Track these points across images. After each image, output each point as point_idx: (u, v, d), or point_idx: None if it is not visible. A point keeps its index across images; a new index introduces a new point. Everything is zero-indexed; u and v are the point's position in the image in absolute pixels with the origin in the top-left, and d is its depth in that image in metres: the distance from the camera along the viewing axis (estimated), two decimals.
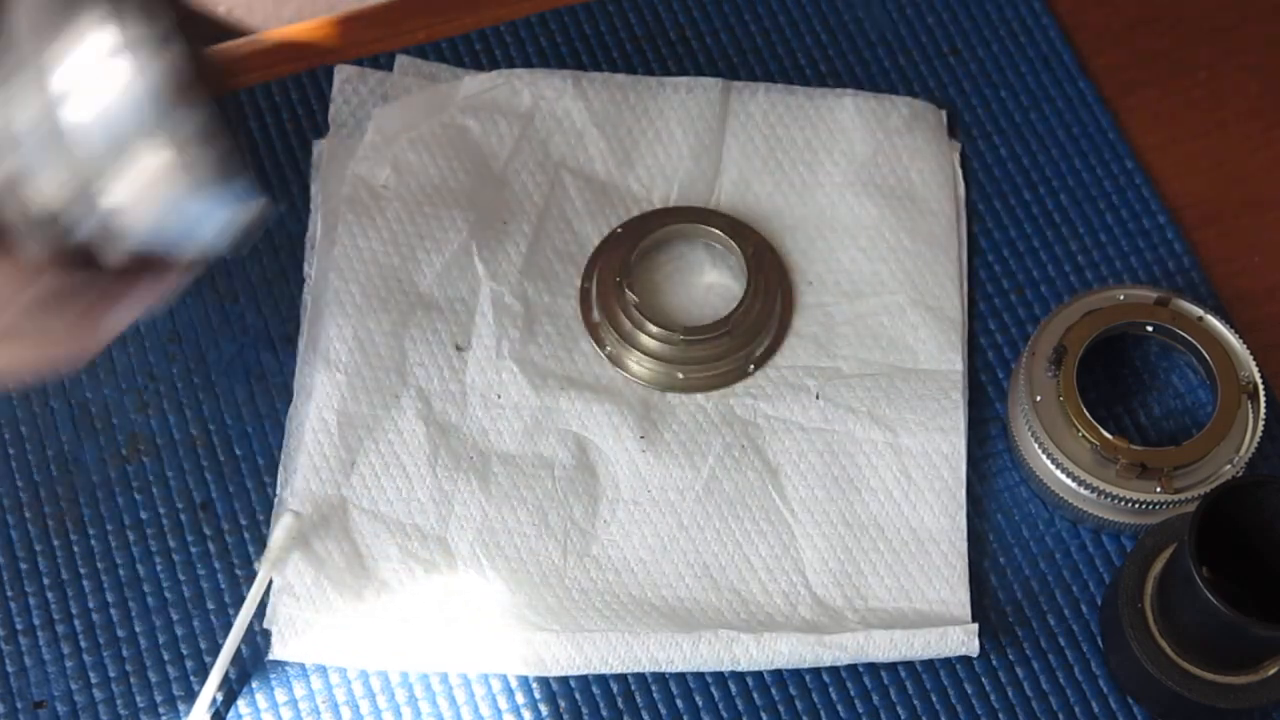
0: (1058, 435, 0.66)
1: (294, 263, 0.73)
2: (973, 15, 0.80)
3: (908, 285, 0.72)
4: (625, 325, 0.70)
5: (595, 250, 0.73)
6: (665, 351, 0.70)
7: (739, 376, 0.71)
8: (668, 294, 0.73)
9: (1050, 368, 0.67)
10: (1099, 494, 0.65)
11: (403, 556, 0.66)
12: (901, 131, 0.75)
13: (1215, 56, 0.79)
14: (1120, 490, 0.65)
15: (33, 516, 0.68)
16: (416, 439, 0.68)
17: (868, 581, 0.67)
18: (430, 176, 0.73)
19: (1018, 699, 0.66)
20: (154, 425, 0.70)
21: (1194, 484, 0.65)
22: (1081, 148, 0.77)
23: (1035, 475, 0.67)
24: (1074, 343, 0.67)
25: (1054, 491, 0.67)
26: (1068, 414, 0.66)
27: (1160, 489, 0.65)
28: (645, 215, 0.73)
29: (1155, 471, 0.65)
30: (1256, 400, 0.66)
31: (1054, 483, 0.67)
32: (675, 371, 0.70)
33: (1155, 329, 0.68)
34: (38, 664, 0.65)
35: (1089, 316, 0.68)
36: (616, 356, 0.70)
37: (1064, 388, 0.66)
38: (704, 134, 0.75)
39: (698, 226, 0.72)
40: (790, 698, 0.65)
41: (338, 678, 0.65)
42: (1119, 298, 0.69)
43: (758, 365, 0.71)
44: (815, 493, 0.68)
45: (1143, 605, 0.63)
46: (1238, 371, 0.67)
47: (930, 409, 0.69)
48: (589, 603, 0.66)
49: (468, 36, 0.78)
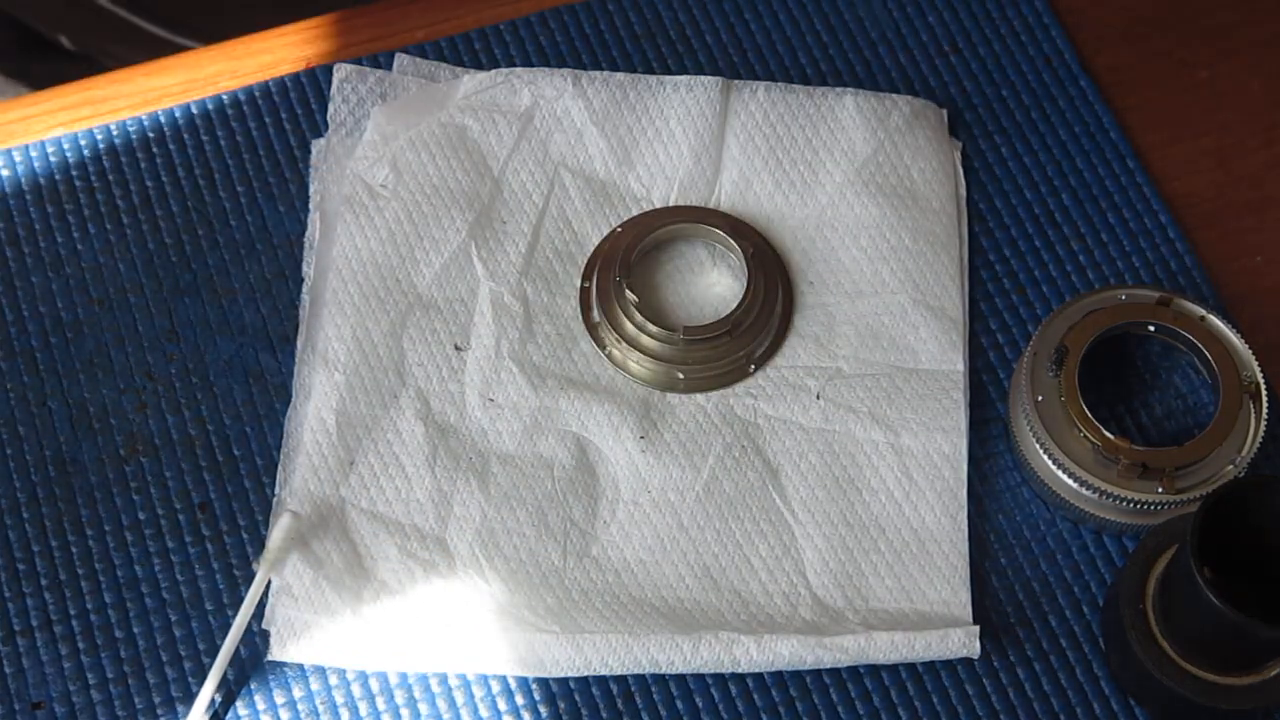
0: (1059, 435, 0.66)
1: (293, 262, 0.73)
2: (973, 14, 0.79)
3: (909, 285, 0.72)
4: (625, 325, 0.70)
5: (595, 250, 0.72)
6: (665, 351, 0.70)
7: (739, 376, 0.70)
8: (668, 294, 0.72)
9: (1052, 368, 0.66)
10: (1100, 494, 0.65)
11: (402, 557, 0.66)
12: (902, 130, 0.75)
13: (1217, 55, 0.79)
14: (1122, 491, 0.65)
15: (31, 517, 0.68)
16: (415, 439, 0.68)
17: (868, 582, 0.67)
18: (429, 176, 0.73)
19: (1019, 700, 0.66)
20: (152, 425, 0.69)
21: (1196, 484, 0.65)
22: (1083, 147, 0.77)
23: (1036, 476, 0.67)
24: (1076, 343, 0.67)
25: (1055, 492, 0.67)
26: (1069, 414, 0.66)
27: (1162, 489, 0.65)
28: (645, 215, 0.73)
29: (1157, 472, 0.65)
30: (1259, 400, 0.66)
31: (1055, 483, 0.67)
32: (675, 371, 0.70)
33: (1157, 329, 0.68)
34: (36, 665, 0.65)
35: (1090, 316, 0.68)
36: (616, 357, 0.70)
37: (1065, 388, 0.66)
38: (704, 133, 0.74)
39: (698, 226, 0.72)
40: (790, 699, 0.65)
41: (336, 679, 0.65)
42: (1120, 297, 0.68)
43: (758, 365, 0.71)
44: (816, 493, 0.68)
45: (1144, 606, 0.63)
46: (1240, 372, 0.67)
47: (931, 409, 0.69)
48: (589, 603, 0.66)
49: (467, 35, 0.78)
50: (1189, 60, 0.79)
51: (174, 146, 0.75)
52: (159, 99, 0.76)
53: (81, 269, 0.72)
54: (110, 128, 0.75)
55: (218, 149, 0.75)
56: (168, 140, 0.75)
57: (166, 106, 0.76)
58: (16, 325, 0.71)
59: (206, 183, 0.74)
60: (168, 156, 0.75)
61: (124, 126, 0.75)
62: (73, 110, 0.76)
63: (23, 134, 0.75)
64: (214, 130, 0.76)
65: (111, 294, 0.72)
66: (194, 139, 0.75)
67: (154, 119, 0.76)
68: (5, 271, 0.72)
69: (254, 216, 0.74)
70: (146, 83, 0.77)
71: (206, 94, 0.76)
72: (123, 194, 0.74)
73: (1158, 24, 0.80)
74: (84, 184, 0.74)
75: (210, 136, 0.75)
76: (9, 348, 0.71)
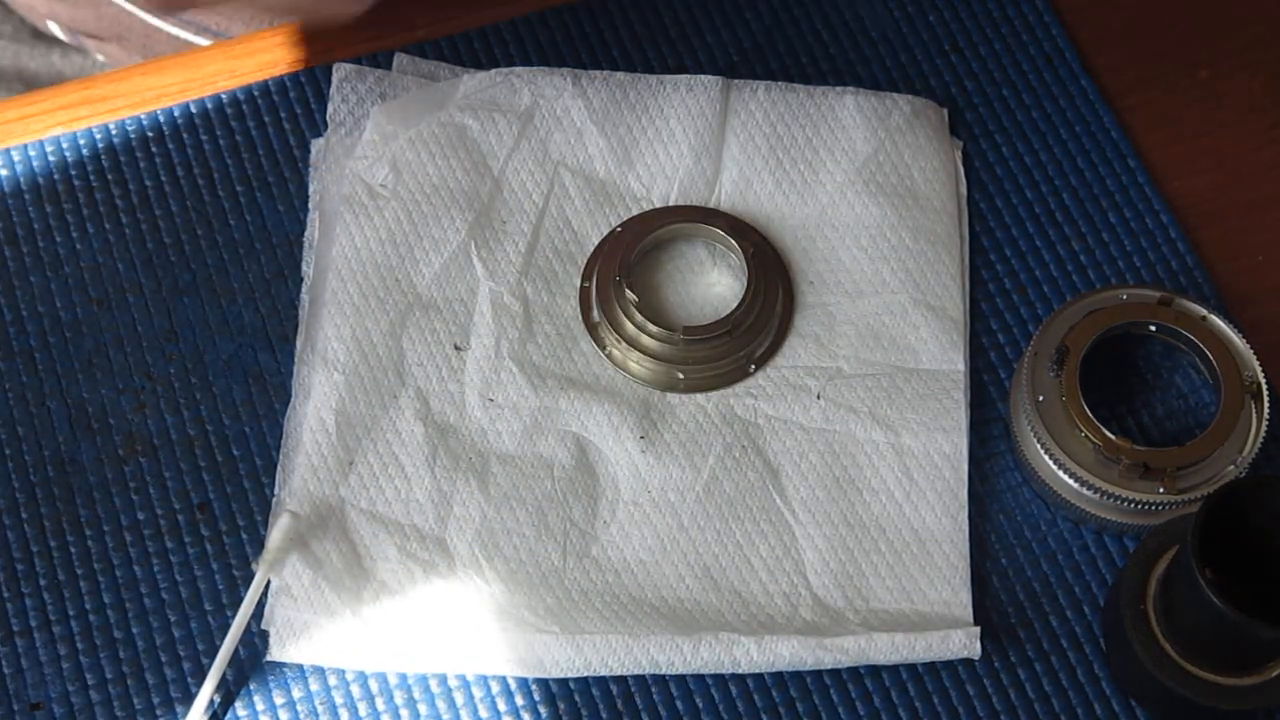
0: (1060, 436, 0.66)
1: (292, 262, 0.73)
2: (974, 13, 0.79)
3: (909, 284, 0.72)
4: (625, 325, 0.70)
5: (595, 250, 0.72)
6: (665, 352, 0.70)
7: (739, 376, 0.70)
8: (668, 294, 0.72)
9: (1052, 368, 0.66)
10: (1101, 495, 0.65)
11: (401, 557, 0.66)
12: (903, 129, 0.75)
13: (1217, 54, 0.79)
14: (1123, 491, 0.65)
15: (30, 517, 0.68)
16: (415, 439, 0.68)
17: (869, 582, 0.67)
18: (429, 175, 0.73)
19: (1019, 701, 0.65)
20: (151, 425, 0.69)
21: (1197, 484, 0.65)
22: (1083, 146, 0.76)
23: (1037, 476, 0.67)
24: (1076, 343, 0.67)
25: (1056, 492, 0.67)
26: (1070, 414, 0.66)
27: (1163, 490, 0.64)
28: (645, 215, 0.73)
29: (1158, 472, 0.65)
30: (1260, 401, 0.66)
31: (1056, 483, 0.66)
32: (675, 372, 0.70)
33: (1158, 329, 0.68)
34: (35, 666, 0.65)
35: (1091, 316, 0.68)
36: (616, 357, 0.70)
37: (1066, 388, 0.66)
38: (704, 132, 0.74)
39: (698, 226, 0.72)
40: (791, 700, 0.65)
41: (336, 680, 0.65)
42: (1121, 297, 0.68)
43: (758, 365, 0.70)
44: (816, 493, 0.68)
45: (1145, 607, 0.62)
46: (1241, 372, 0.66)
47: (932, 409, 0.69)
48: (589, 604, 0.65)
49: (467, 34, 0.78)
50: (1190, 60, 0.79)
51: (173, 146, 0.75)
52: (158, 98, 0.76)
53: (81, 269, 0.72)
54: (109, 127, 0.75)
55: (217, 148, 0.75)
56: (167, 140, 0.75)
57: (165, 106, 0.76)
58: (16, 325, 0.71)
59: (206, 182, 0.74)
60: (166, 156, 0.75)
61: (123, 126, 0.75)
62: (71, 110, 0.76)
63: (21, 133, 0.75)
64: (213, 130, 0.75)
65: (111, 294, 0.72)
66: (193, 138, 0.75)
67: (153, 118, 0.76)
68: (4, 271, 0.72)
69: (253, 216, 0.74)
70: (145, 82, 0.77)
71: (205, 93, 0.76)
72: (122, 194, 0.74)
73: (1158, 23, 0.80)
74: (83, 183, 0.74)
75: (209, 136, 0.75)
76: (8, 348, 0.71)
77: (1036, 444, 0.66)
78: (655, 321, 0.70)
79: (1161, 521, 0.65)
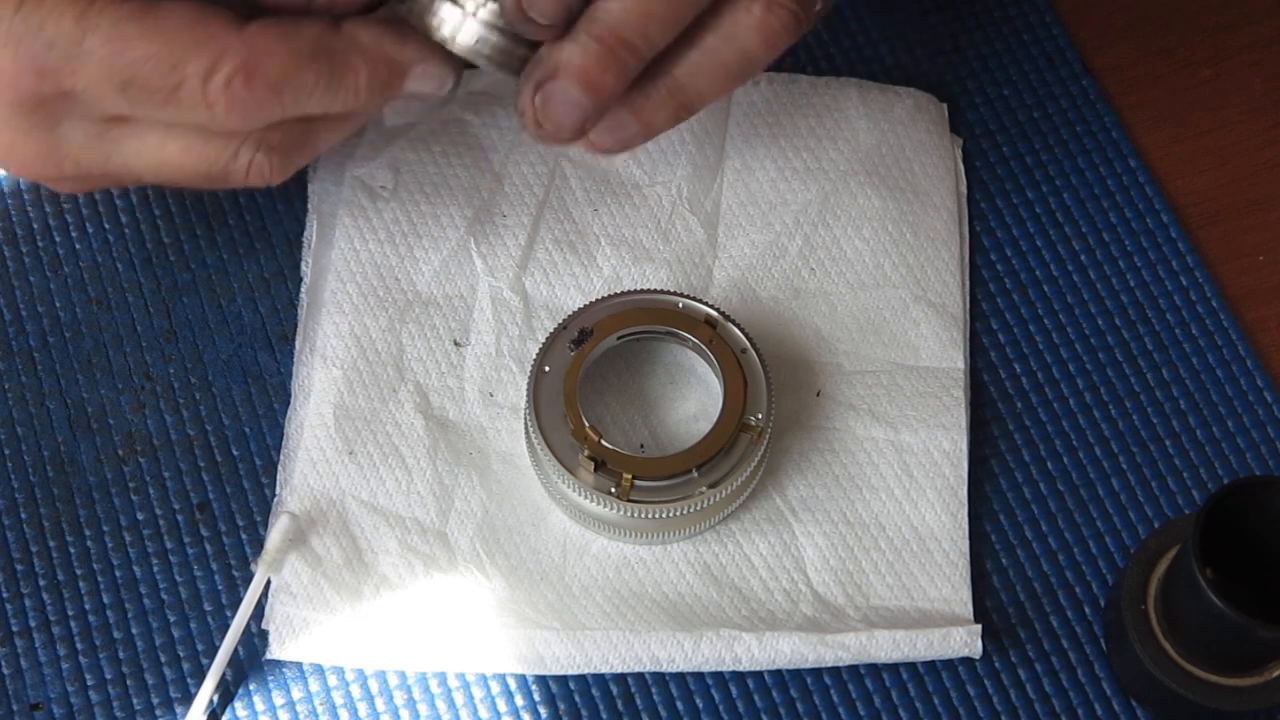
0: (547, 408, 0.64)
1: (291, 262, 0.73)
2: (975, 12, 0.79)
3: (910, 280, 0.72)
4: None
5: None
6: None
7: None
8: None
9: (572, 345, 0.65)
10: (561, 478, 0.64)
11: (402, 551, 0.66)
12: (905, 123, 0.75)
13: (1219, 54, 0.79)
14: (574, 480, 0.63)
15: (28, 517, 0.67)
16: (415, 432, 0.68)
17: (869, 579, 0.66)
18: (428, 172, 0.73)
19: (1020, 701, 0.65)
20: (150, 425, 0.69)
21: (655, 501, 0.64)
22: (1084, 146, 0.76)
23: (530, 442, 0.65)
24: (605, 329, 0.66)
25: (541, 467, 0.65)
26: (563, 390, 0.65)
27: (614, 491, 0.63)
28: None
29: (615, 474, 0.63)
30: (759, 443, 0.64)
31: (535, 455, 0.65)
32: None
33: (691, 345, 0.66)
34: (33, 666, 0.65)
35: (633, 311, 0.66)
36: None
37: (571, 366, 0.65)
38: (707, 121, 0.74)
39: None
40: (791, 700, 0.65)
41: (336, 679, 0.65)
42: (677, 305, 0.67)
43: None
44: (815, 490, 0.68)
45: (1146, 607, 0.62)
46: (748, 409, 0.65)
47: (932, 406, 0.69)
48: (589, 599, 0.65)
49: None
50: (1191, 59, 0.79)
51: None
52: None
53: (80, 269, 0.72)
54: None
55: None
56: None
57: None
58: (15, 325, 0.71)
59: None
60: None
61: None
62: None
63: None
64: None
65: (110, 294, 0.72)
66: None
67: None
68: (4, 271, 0.72)
69: (253, 216, 0.74)
70: None
71: None
72: (121, 193, 0.74)
73: (1160, 22, 0.80)
74: None
75: None
76: (7, 348, 0.71)
77: (529, 410, 0.65)
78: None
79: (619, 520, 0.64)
